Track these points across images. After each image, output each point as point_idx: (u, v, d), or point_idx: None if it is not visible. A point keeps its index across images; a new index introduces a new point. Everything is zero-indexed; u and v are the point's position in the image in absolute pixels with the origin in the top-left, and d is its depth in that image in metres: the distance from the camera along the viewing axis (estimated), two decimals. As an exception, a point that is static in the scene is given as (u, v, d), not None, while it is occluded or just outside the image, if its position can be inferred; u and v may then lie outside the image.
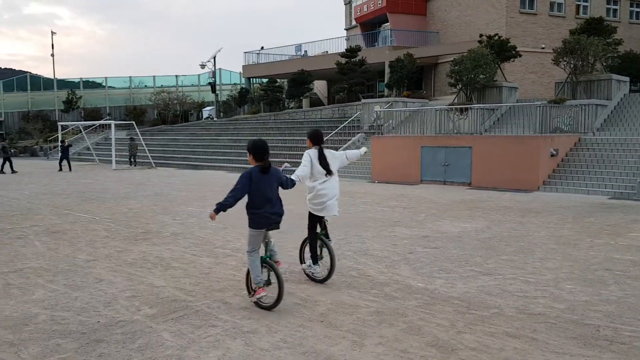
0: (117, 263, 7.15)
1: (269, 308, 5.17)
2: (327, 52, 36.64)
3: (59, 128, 33.18)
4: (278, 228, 5.36)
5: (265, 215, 5.15)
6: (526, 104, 20.41)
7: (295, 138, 26.09)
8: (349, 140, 22.85)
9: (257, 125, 31.83)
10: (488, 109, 20.60)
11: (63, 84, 51.52)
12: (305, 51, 38.79)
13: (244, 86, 41.83)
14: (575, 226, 9.79)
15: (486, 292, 5.74)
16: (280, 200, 5.35)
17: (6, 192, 15.90)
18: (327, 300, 5.47)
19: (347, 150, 6.81)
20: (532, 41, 28.99)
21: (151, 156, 28.50)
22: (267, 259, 5.33)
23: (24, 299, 5.59)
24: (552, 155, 16.19)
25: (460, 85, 22.26)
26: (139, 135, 30.81)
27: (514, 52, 23.85)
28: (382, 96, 30.33)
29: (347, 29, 41.73)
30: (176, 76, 53.85)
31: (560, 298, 5.53)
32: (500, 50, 23.30)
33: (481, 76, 21.44)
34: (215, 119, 39.23)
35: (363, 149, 7.06)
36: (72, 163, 26.48)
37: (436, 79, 33.00)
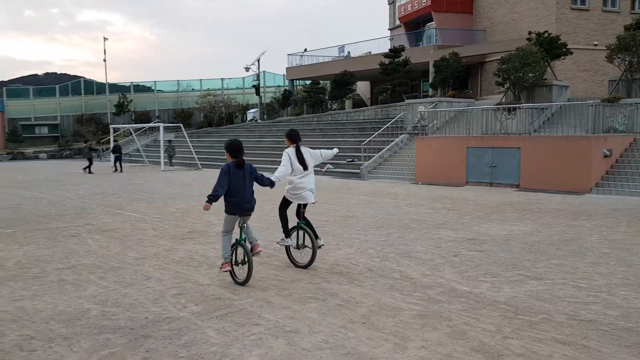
0: (165, 261, 7.33)
1: (242, 283, 6.09)
2: (370, 52, 36.48)
3: (111, 130, 34.27)
4: (249, 215, 6.26)
5: (237, 203, 6.09)
6: (578, 103, 19.76)
7: (338, 139, 26.09)
8: (392, 141, 22.68)
9: (300, 126, 31.98)
10: (537, 109, 20.04)
11: (115, 88, 53.35)
12: (349, 52, 38.75)
13: (287, 88, 42.17)
14: (630, 230, 9.40)
15: (534, 297, 5.59)
16: (253, 192, 6.21)
17: (62, 192, 16.55)
18: (369, 302, 5.44)
19: (322, 150, 7.57)
20: (584, 38, 28.07)
21: (197, 157, 29.07)
22: (242, 241, 6.21)
23: (77, 294, 5.80)
24: (605, 156, 15.62)
25: (508, 84, 21.76)
26: (187, 137, 31.49)
27: (564, 49, 23.15)
28: (427, 96, 29.96)
29: (390, 29, 41.45)
30: (222, 79, 54.88)
31: (613, 304, 5.32)
32: (550, 47, 22.66)
33: (530, 75, 20.90)
34: (259, 120, 39.70)
35: (335, 150, 7.83)
36: (122, 164, 27.32)
37: (483, 78, 32.36)
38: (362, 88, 41.54)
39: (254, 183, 6.25)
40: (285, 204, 7.08)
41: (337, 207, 12.53)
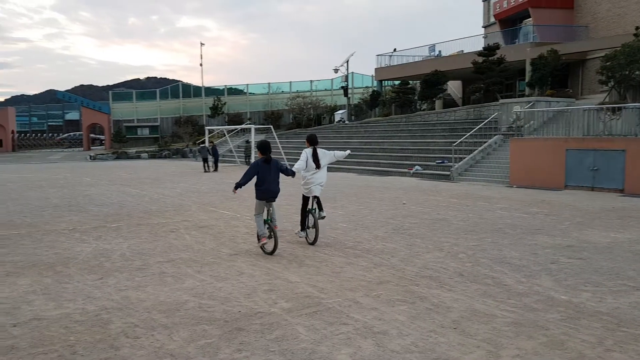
0: (256, 258, 7.57)
1: (270, 253, 7.67)
2: (462, 51, 35.54)
3: (206, 132, 35.86)
4: (274, 200, 7.86)
5: (264, 191, 7.69)
6: (693, 102, 18.12)
7: (427, 140, 25.64)
8: (485, 142, 21.95)
9: (388, 127, 31.79)
10: (645, 108, 18.59)
11: (210, 91, 55.82)
12: (439, 51, 37.97)
13: (375, 89, 42.03)
14: None
15: (641, 309, 5.21)
16: (278, 182, 7.81)
17: (162, 190, 17.55)
18: (461, 307, 5.32)
19: (336, 151, 9.07)
20: (700, 31, 25.66)
21: (286, 158, 29.71)
22: (269, 221, 7.81)
23: (176, 286, 6.14)
24: None
25: (612, 83, 20.39)
26: (276, 138, 32.28)
27: (677, 44, 21.30)
28: (523, 95, 28.69)
29: (484, 27, 40.16)
30: (310, 81, 55.74)
31: None
32: (661, 43, 20.94)
33: (637, 72, 19.44)
34: (346, 122, 39.90)
35: (347, 151, 9.41)
36: (212, 164, 28.36)
37: (584, 76, 30.49)
38: (454, 88, 40.59)
39: (280, 174, 7.85)
40: (305, 200, 8.64)
41: (425, 210, 12.33)
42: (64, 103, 74.13)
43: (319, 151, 8.54)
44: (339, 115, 43.54)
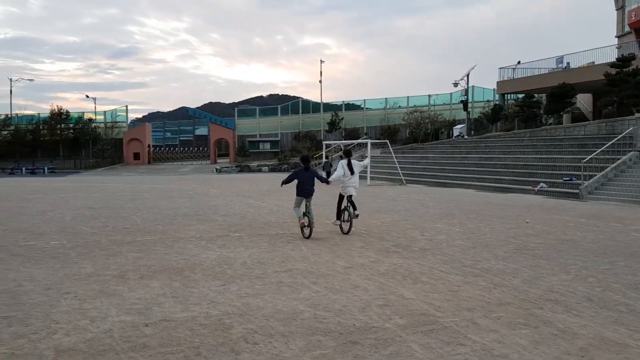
0: (371, 272, 7.59)
1: (307, 237, 10.46)
2: (593, 62, 33.22)
3: (324, 147, 36.71)
4: (309, 198, 10.54)
5: (302, 190, 10.45)
6: None
7: (553, 156, 24.16)
8: (619, 159, 20.22)
9: (511, 142, 30.39)
10: None
11: (328, 107, 57.26)
12: (568, 63, 35.76)
13: (497, 102, 40.49)
14: None
15: None
16: (313, 185, 10.53)
17: (281, 202, 18.22)
18: (589, 334, 4.94)
19: (365, 161, 13.38)
20: None
21: (402, 173, 29.50)
22: (307, 214, 10.47)
23: (293, 296, 6.33)
24: None
25: None
26: (392, 153, 32.19)
27: None
28: (664, 109, 26.11)
29: (618, 37, 37.23)
30: (429, 96, 55.07)
31: None
32: None
33: None
34: (465, 136, 38.78)
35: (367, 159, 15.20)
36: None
37: None
38: (583, 101, 37.98)
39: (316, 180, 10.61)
40: (340, 197, 11.23)
41: (551, 229, 11.62)
42: (194, 119, 79.88)
43: (353, 161, 11.25)
44: (457, 129, 42.49)
